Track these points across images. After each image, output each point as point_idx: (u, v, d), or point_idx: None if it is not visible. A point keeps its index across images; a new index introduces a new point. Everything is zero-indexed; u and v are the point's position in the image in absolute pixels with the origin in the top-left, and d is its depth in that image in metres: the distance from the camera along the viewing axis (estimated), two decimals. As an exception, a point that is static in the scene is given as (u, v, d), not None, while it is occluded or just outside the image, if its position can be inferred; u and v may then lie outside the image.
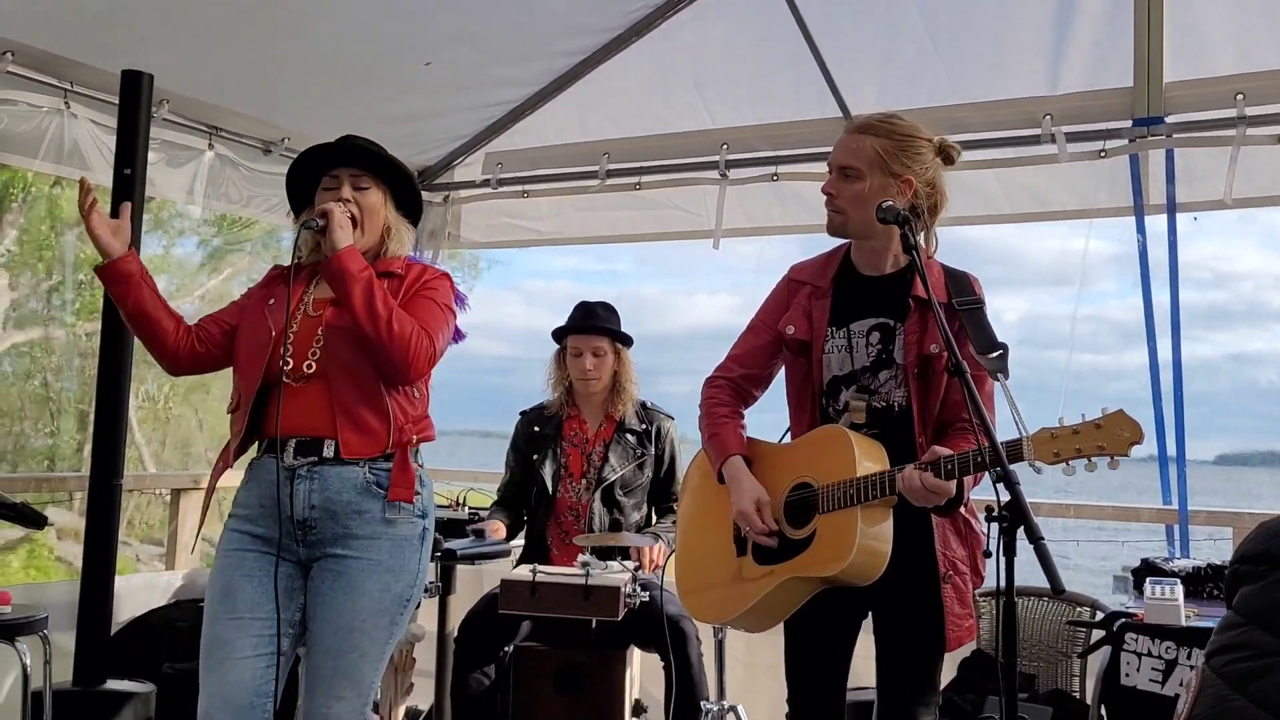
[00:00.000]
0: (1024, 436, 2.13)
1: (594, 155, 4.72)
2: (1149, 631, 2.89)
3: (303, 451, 2.47)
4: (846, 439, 2.38)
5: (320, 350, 2.50)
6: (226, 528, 2.55)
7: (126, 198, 3.51)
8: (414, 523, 2.55)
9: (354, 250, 2.48)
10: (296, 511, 2.46)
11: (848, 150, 2.46)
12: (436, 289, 2.61)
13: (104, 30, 3.64)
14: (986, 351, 2.31)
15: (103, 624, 3.54)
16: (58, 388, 12.27)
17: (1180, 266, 4.03)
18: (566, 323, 3.93)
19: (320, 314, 2.54)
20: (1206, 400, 73.97)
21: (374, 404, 2.48)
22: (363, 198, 2.59)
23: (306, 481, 2.46)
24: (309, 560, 2.50)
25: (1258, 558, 1.34)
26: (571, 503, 3.82)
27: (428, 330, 2.50)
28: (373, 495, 2.48)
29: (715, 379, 2.69)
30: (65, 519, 10.05)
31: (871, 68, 4.29)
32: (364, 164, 2.62)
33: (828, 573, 2.32)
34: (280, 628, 2.44)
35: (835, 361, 2.50)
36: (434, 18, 4.07)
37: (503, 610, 3.38)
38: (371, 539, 2.47)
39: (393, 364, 2.45)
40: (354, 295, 2.43)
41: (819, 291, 2.55)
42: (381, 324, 2.42)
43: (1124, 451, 2.08)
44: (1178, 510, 3.82)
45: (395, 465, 2.50)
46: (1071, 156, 3.88)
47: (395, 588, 2.49)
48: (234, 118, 4.30)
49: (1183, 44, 3.76)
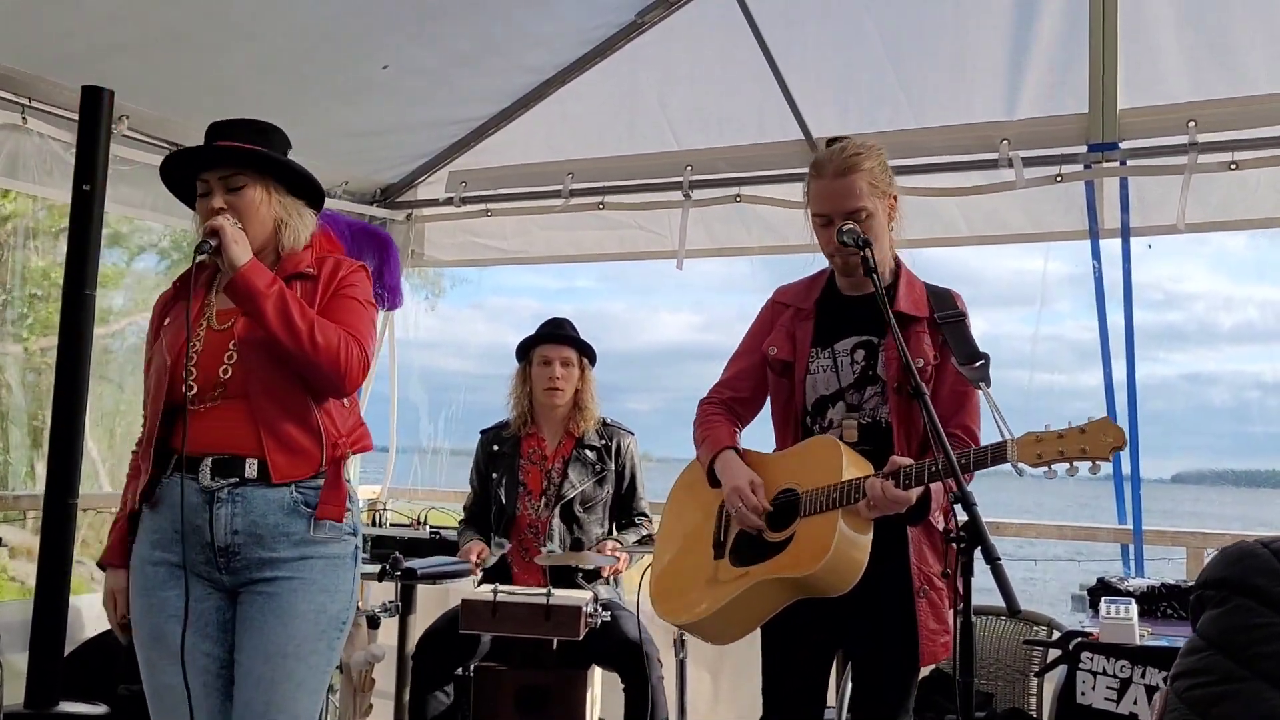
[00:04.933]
0: (1009, 439, 2.19)
1: (558, 175, 4.73)
2: (1104, 650, 2.92)
3: (221, 471, 2.25)
4: (837, 447, 2.41)
5: (233, 368, 2.28)
6: (139, 557, 2.32)
7: (86, 214, 3.50)
8: (346, 540, 2.36)
9: (256, 264, 2.26)
10: (217, 538, 2.25)
11: (844, 195, 2.45)
12: (356, 284, 2.40)
13: (63, 44, 3.61)
14: (969, 362, 2.37)
15: (56, 645, 3.48)
16: (9, 403, 12.07)
17: (1134, 288, 4.10)
18: (534, 334, 3.94)
19: (228, 326, 2.33)
20: (1162, 419, 75.14)
21: (303, 421, 2.28)
22: (238, 199, 2.36)
23: (227, 505, 2.25)
24: (234, 586, 2.30)
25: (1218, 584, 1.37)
26: (531, 519, 3.81)
27: (356, 335, 2.30)
28: (300, 515, 2.29)
29: (707, 400, 2.74)
30: (18, 537, 9.87)
31: (833, 91, 4.33)
32: (234, 162, 2.39)
33: (802, 573, 2.32)
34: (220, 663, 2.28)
35: (821, 381, 2.54)
36: (397, 25, 4.03)
37: (463, 630, 3.36)
38: (302, 559, 2.28)
39: (322, 378, 2.26)
40: (267, 314, 2.21)
41: (802, 313, 2.60)
42: (304, 339, 2.22)
43: (1105, 455, 2.14)
44: (1132, 530, 3.87)
45: (327, 482, 2.31)
46: (1028, 182, 3.94)
47: (331, 608, 2.31)
48: (193, 132, 4.24)
49: (1136, 72, 3.83)
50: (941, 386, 2.46)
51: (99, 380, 7.51)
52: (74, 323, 3.53)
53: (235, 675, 2.27)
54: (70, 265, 3.53)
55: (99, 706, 3.50)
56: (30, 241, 11.87)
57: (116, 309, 12.78)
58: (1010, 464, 2.19)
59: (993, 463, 2.22)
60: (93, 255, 3.54)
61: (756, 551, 2.45)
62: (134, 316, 13.34)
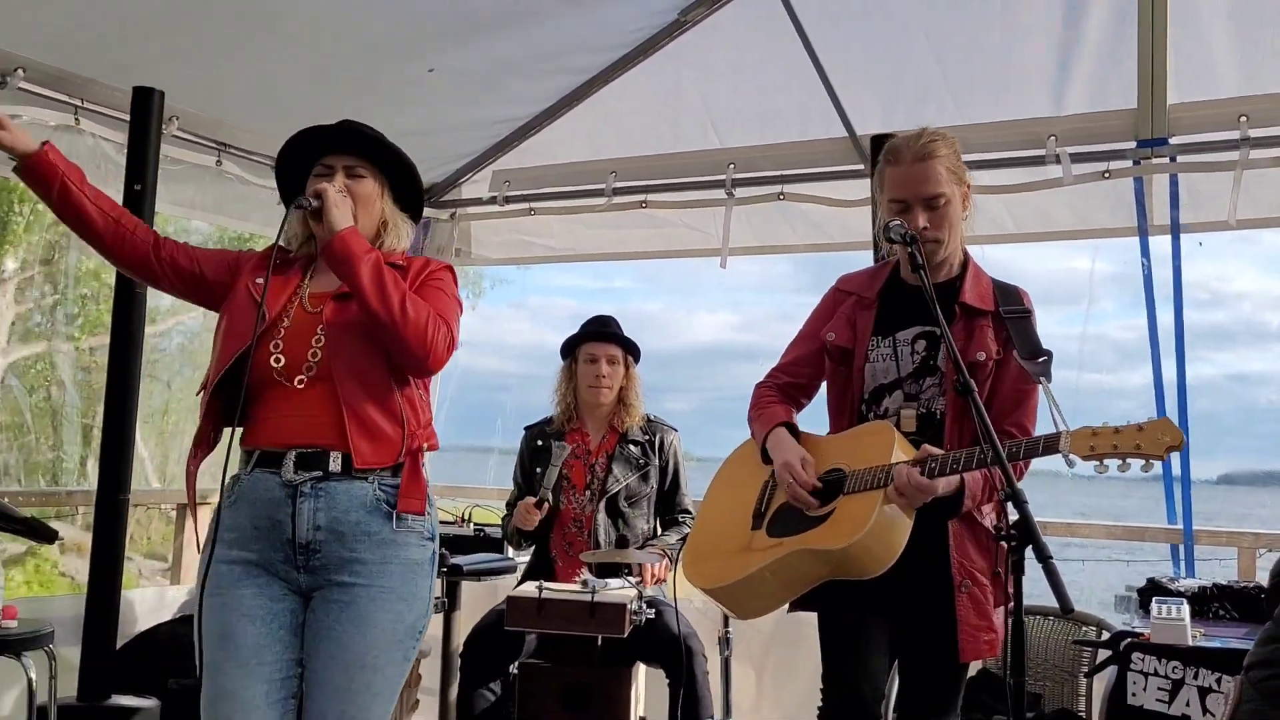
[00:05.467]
0: (1063, 430, 2.16)
1: (601, 174, 4.74)
2: (1155, 651, 2.89)
3: (305, 465, 2.21)
4: (890, 431, 2.40)
5: (321, 350, 2.24)
6: (212, 559, 2.24)
7: (137, 213, 3.54)
8: (425, 545, 2.31)
9: (356, 232, 2.25)
10: (299, 533, 2.19)
11: (924, 180, 2.44)
12: (443, 280, 2.40)
13: (114, 47, 3.67)
14: (1031, 357, 2.34)
15: (108, 639, 3.54)
16: (61, 401, 12.27)
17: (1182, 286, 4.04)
18: (580, 332, 3.95)
19: (319, 310, 2.30)
20: (1209, 420, 74.03)
21: (385, 406, 2.24)
22: (357, 186, 2.35)
23: (311, 499, 2.20)
24: (310, 589, 2.23)
25: None
26: (575, 514, 3.82)
27: (444, 316, 2.28)
28: (381, 514, 2.23)
29: (763, 383, 2.73)
30: (69, 533, 10.03)
31: (877, 88, 4.31)
32: (361, 151, 2.38)
33: (834, 546, 2.30)
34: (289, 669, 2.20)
35: (880, 370, 2.52)
36: (443, 32, 4.09)
37: (509, 627, 3.38)
38: (381, 564, 2.22)
39: (409, 351, 2.22)
40: (361, 276, 2.19)
41: (864, 302, 2.59)
42: (395, 306, 2.18)
43: (1160, 454, 2.11)
44: (1183, 530, 3.82)
45: (406, 473, 2.26)
46: (1076, 178, 3.89)
47: (408, 617, 2.25)
48: (242, 134, 4.32)
49: (1187, 66, 3.78)
50: (1002, 383, 2.43)
51: (147, 379, 7.61)
52: (125, 322, 3.59)
53: (307, 682, 2.20)
54: (122, 264, 3.58)
55: (150, 700, 3.55)
56: (79, 242, 12.07)
57: (164, 309, 12.98)
58: (1062, 454, 2.16)
59: (1045, 452, 2.19)
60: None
61: (794, 525, 2.43)
62: (181, 316, 13.56)
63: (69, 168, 2.30)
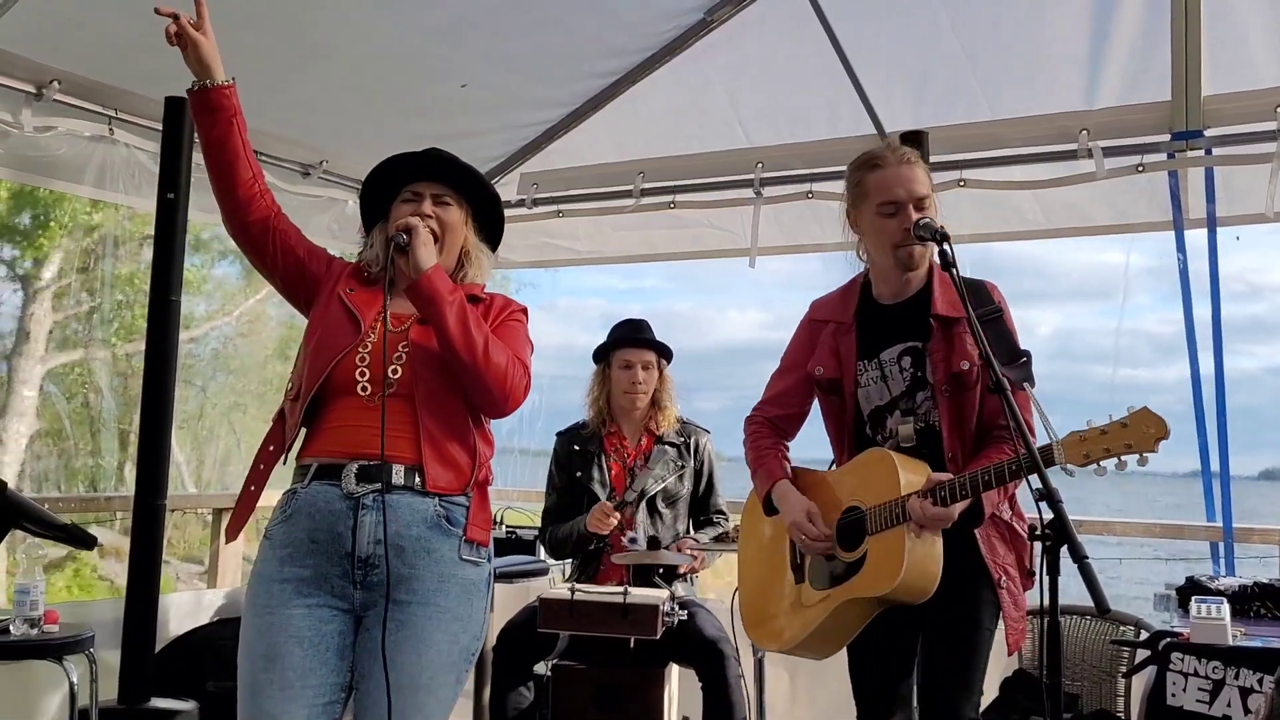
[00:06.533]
0: (1054, 441, 2.16)
1: (629, 175, 4.73)
2: (1195, 651, 2.85)
3: (366, 477, 2.17)
4: (889, 460, 2.42)
5: (402, 369, 2.23)
6: (259, 576, 2.19)
7: (171, 221, 3.60)
8: (481, 566, 2.26)
9: (441, 271, 2.26)
10: (360, 547, 2.14)
11: (914, 181, 2.47)
12: (521, 320, 2.41)
13: (147, 57, 3.70)
14: (1011, 361, 2.32)
15: (147, 643, 3.57)
16: (99, 407, 12.43)
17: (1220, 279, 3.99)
18: (613, 337, 3.95)
19: (403, 329, 2.29)
20: (1249, 414, 73.04)
21: (461, 437, 2.24)
22: (445, 214, 2.37)
23: (373, 512, 2.14)
24: (364, 606, 2.18)
25: None
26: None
27: (521, 359, 2.29)
28: (442, 531, 2.19)
29: (753, 417, 2.76)
30: (108, 537, 10.16)
31: (906, 85, 4.28)
32: (449, 180, 2.41)
33: (880, 591, 2.35)
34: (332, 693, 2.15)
35: (874, 393, 2.55)
36: (468, 40, 4.11)
37: (541, 629, 3.39)
38: (439, 583, 2.18)
39: (488, 395, 2.22)
40: (447, 319, 2.19)
41: (843, 328, 2.60)
42: (479, 351, 2.19)
43: (1151, 448, 2.11)
44: (1222, 527, 3.77)
45: (474, 504, 2.24)
46: (1109, 172, 3.85)
47: (463, 639, 2.20)
48: (274, 142, 4.35)
49: (1221, 57, 3.72)
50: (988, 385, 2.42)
51: (182, 385, 7.67)
52: (161, 328, 3.62)
53: (358, 702, 2.17)
54: (156, 272, 3.63)
55: (189, 703, 3.59)
56: (116, 249, 12.22)
57: (198, 315, 13.13)
58: (1059, 465, 2.15)
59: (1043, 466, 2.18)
60: (177, 262, 3.64)
61: (833, 572, 2.49)
62: (215, 321, 13.71)
63: (240, 110, 2.30)
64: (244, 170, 2.31)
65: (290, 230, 2.38)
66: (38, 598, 3.23)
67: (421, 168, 2.41)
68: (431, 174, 2.40)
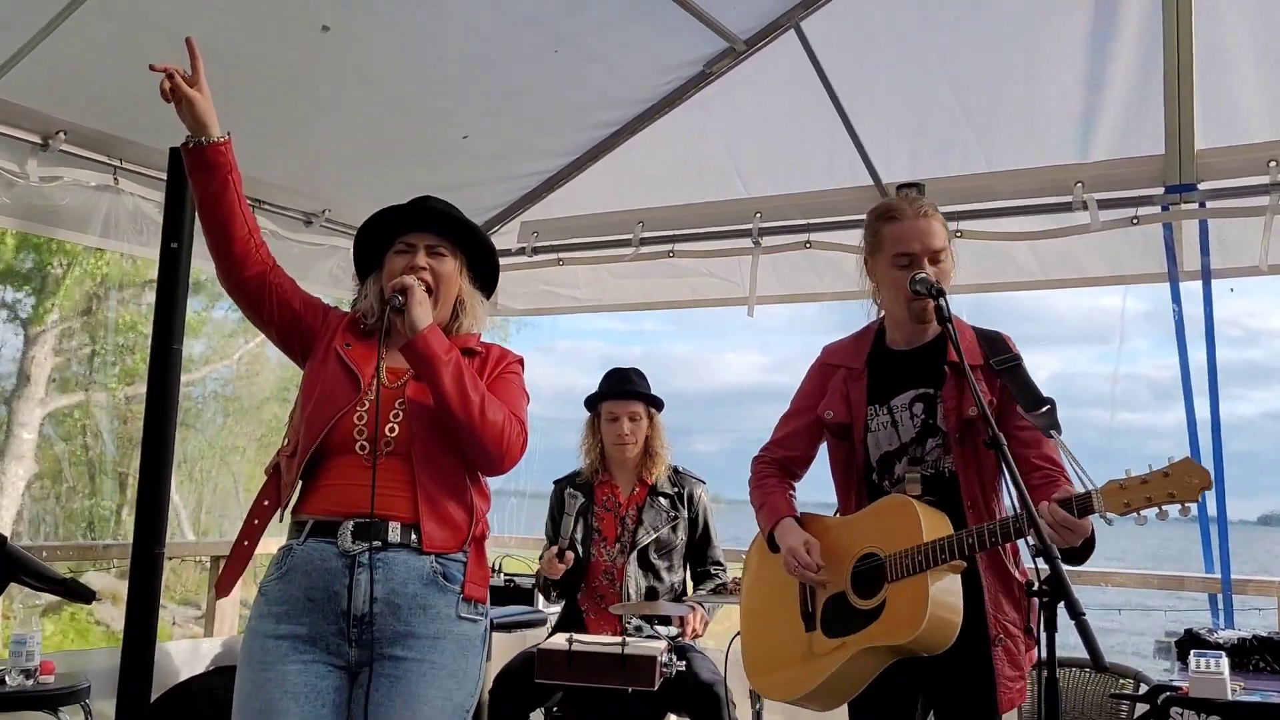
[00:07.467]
0: (1093, 490, 2.15)
1: (628, 224, 4.78)
2: (1194, 705, 2.85)
3: (361, 535, 2.15)
4: (911, 507, 2.39)
5: (399, 425, 2.22)
6: (255, 632, 2.17)
7: (174, 271, 3.61)
8: (478, 621, 2.25)
9: (436, 330, 2.26)
10: (355, 605, 2.12)
11: (930, 234, 2.48)
12: (517, 373, 2.42)
13: (152, 108, 3.74)
14: (1033, 408, 2.33)
15: (144, 692, 3.54)
16: (98, 451, 12.42)
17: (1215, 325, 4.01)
18: (600, 389, 3.96)
19: (398, 385, 2.28)
20: (1246, 459, 72.99)
21: (459, 495, 2.24)
22: (439, 265, 2.36)
23: (369, 570, 2.13)
24: (359, 664, 2.16)
25: None
26: (606, 566, 3.83)
27: (518, 416, 2.28)
28: (439, 588, 2.18)
29: (761, 457, 2.75)
30: (105, 582, 10.13)
31: (903, 137, 4.33)
32: (442, 230, 2.39)
33: (900, 640, 2.31)
34: None
35: (884, 439, 2.53)
36: (470, 91, 4.17)
37: (539, 680, 3.37)
38: (434, 639, 2.16)
39: (484, 453, 2.22)
40: (444, 379, 2.19)
41: (854, 373, 2.60)
42: (475, 411, 2.18)
43: (1194, 498, 2.11)
44: (1220, 579, 3.77)
45: (472, 560, 2.23)
46: (1104, 224, 3.89)
47: (457, 695, 2.17)
48: (276, 190, 4.39)
49: (1214, 111, 3.77)
50: (1006, 429, 2.39)
51: (181, 427, 7.68)
52: (162, 376, 3.63)
53: None
54: (158, 320, 3.64)
55: (184, 753, 3.56)
56: (117, 293, 12.27)
57: (197, 356, 13.14)
58: (1099, 514, 2.15)
59: (1080, 515, 2.18)
60: (180, 310, 3.65)
61: (848, 620, 2.44)
62: (214, 365, 13.72)
63: (235, 166, 2.30)
64: (239, 227, 2.30)
65: (286, 283, 2.37)
66: (34, 648, 3.23)
67: (415, 218, 2.40)
68: (425, 224, 2.39)
